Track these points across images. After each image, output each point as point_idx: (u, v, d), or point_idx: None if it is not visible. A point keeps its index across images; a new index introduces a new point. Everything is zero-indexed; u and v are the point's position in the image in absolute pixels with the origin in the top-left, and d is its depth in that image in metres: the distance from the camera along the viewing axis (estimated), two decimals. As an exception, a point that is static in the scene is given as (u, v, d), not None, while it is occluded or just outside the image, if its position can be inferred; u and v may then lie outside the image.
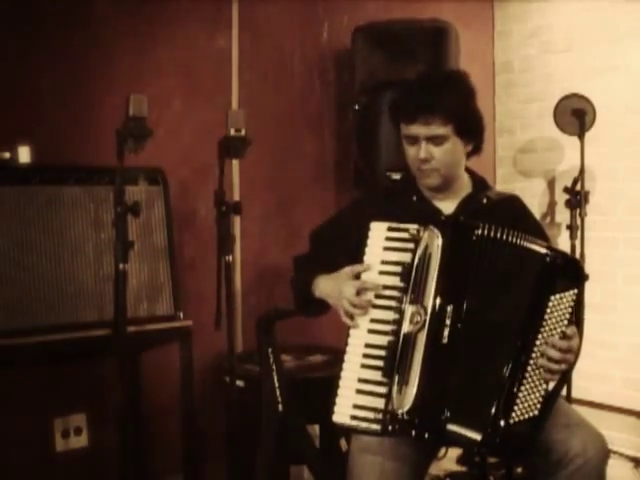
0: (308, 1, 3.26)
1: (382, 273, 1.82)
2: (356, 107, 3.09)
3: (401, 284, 1.78)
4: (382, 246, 1.83)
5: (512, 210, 2.06)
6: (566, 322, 1.76)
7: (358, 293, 1.82)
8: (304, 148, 3.30)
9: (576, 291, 1.76)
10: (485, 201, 2.01)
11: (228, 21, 3.06)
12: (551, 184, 3.56)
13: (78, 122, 2.65)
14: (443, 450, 2.79)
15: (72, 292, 2.43)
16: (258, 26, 3.13)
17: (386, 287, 1.80)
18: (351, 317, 1.83)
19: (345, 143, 3.31)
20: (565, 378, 1.81)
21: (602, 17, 3.34)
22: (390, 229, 1.82)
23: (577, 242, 3.07)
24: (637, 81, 3.23)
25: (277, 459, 2.41)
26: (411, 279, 1.77)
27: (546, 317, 1.74)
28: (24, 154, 2.39)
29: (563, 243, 3.10)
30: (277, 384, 2.35)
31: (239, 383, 2.55)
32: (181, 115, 2.89)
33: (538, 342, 1.74)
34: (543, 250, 1.77)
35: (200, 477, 2.72)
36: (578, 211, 3.07)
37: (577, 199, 3.07)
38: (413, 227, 1.79)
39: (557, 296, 1.74)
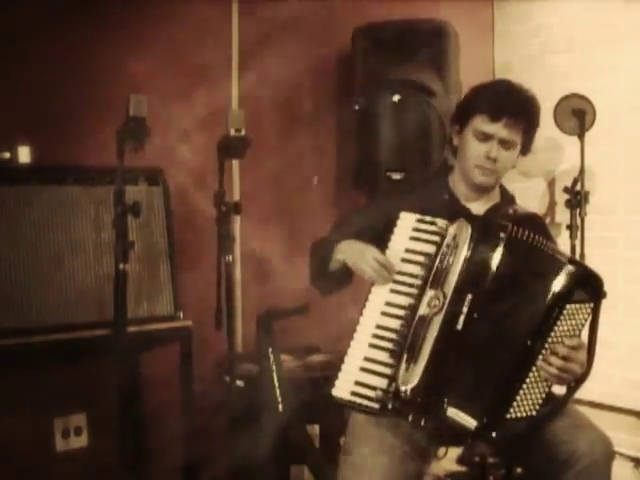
0: (308, 1, 3.26)
1: (404, 260, 1.86)
2: (356, 107, 3.09)
3: (422, 272, 1.82)
4: (409, 235, 1.87)
5: (535, 226, 2.08)
6: (578, 333, 1.79)
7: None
8: (304, 148, 3.29)
9: (592, 305, 1.79)
10: (511, 212, 2.05)
11: (228, 21, 3.06)
12: (551, 184, 3.55)
13: (78, 122, 2.65)
14: (443, 450, 2.79)
15: (72, 292, 2.44)
16: (258, 26, 3.12)
17: (405, 274, 1.84)
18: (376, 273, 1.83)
19: (345, 143, 3.30)
20: (573, 389, 1.84)
21: (602, 17, 3.34)
22: (419, 220, 1.87)
23: (577, 242, 3.07)
24: (637, 81, 3.23)
25: (277, 459, 2.41)
26: (434, 267, 1.80)
27: (559, 323, 1.77)
28: (24, 154, 2.39)
29: (563, 243, 3.10)
30: (277, 384, 2.35)
31: (239, 383, 2.55)
32: (181, 115, 2.89)
33: (547, 345, 1.77)
34: (566, 259, 1.82)
35: (200, 477, 2.72)
36: (578, 211, 3.07)
37: (577, 199, 3.07)
38: (442, 222, 1.84)
39: (573, 306, 1.78)
